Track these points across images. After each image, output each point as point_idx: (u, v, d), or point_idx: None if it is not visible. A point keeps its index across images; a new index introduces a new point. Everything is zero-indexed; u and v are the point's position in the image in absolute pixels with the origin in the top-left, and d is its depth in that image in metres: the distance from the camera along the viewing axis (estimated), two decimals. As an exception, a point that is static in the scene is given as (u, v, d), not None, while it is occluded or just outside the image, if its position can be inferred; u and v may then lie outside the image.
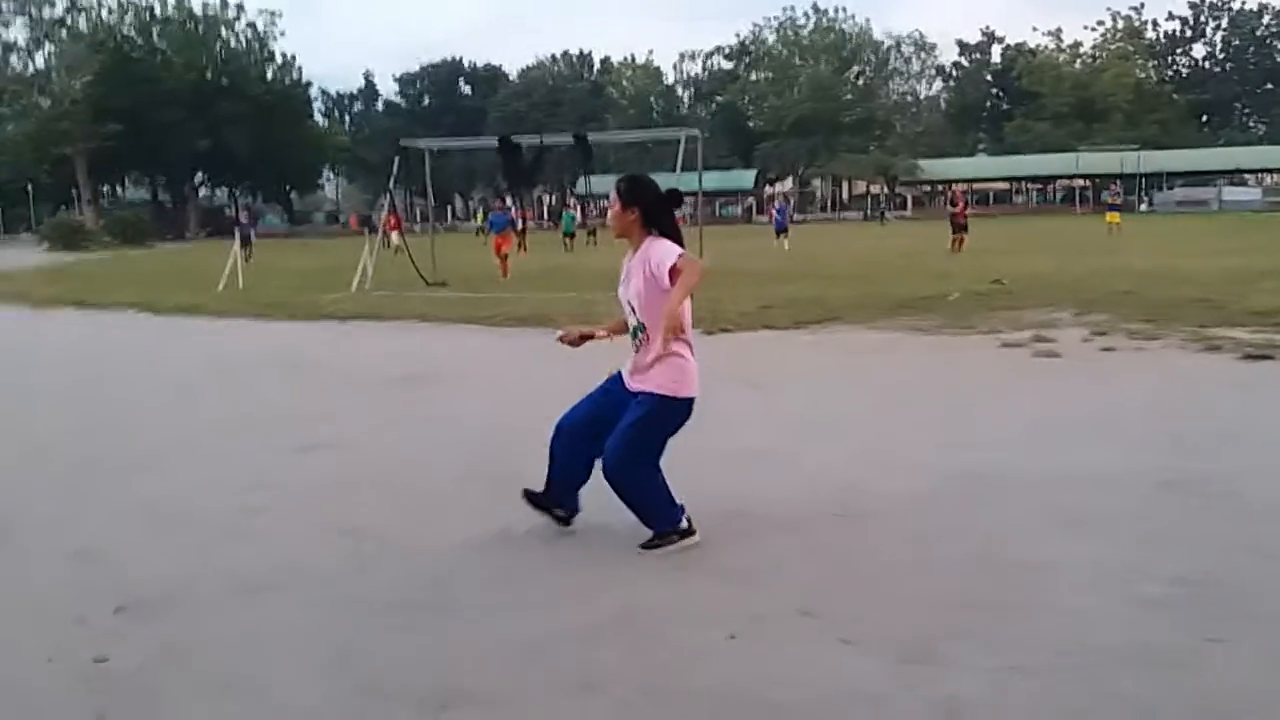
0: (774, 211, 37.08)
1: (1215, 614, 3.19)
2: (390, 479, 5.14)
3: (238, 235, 23.53)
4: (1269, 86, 75.08)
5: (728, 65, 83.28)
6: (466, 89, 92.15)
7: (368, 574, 3.81)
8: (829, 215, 70.58)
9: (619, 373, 4.04)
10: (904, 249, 26.40)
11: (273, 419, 6.79)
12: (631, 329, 3.90)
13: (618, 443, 3.80)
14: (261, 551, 4.10)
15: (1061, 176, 70.41)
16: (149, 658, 3.12)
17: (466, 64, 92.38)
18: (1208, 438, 5.37)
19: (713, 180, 69.75)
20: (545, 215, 74.39)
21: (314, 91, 78.69)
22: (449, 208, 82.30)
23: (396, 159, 17.70)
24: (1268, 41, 74.25)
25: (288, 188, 77.31)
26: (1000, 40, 79.79)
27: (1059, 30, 76.77)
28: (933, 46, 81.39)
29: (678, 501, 3.93)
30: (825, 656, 3.00)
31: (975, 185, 70.92)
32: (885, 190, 71.32)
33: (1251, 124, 76.45)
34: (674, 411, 3.82)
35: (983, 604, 3.32)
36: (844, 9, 79.07)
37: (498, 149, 16.88)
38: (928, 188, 74.83)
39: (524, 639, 3.19)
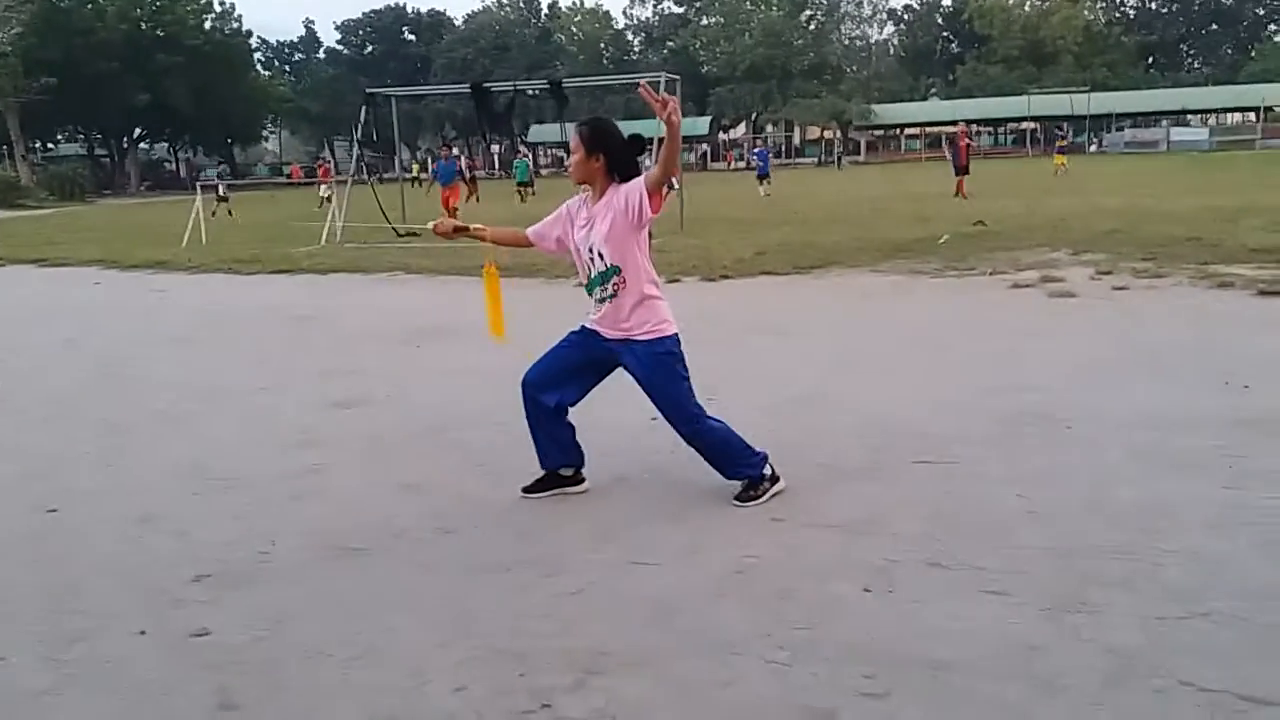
0: (755, 157, 36.74)
1: (1351, 552, 3.14)
2: (443, 434, 4.95)
3: (203, 190, 22.63)
4: (1214, 27, 75.88)
5: (678, 10, 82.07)
6: (410, 36, 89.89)
7: (458, 534, 3.63)
8: (784, 161, 70.21)
9: (582, 326, 3.87)
10: (871, 194, 26.31)
11: (296, 374, 6.52)
12: (597, 275, 3.67)
13: (668, 405, 3.71)
14: (334, 511, 3.90)
15: (1013, 119, 70.81)
16: (252, 628, 2.93)
17: (410, 10, 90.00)
18: (1260, 375, 5.33)
19: (654, 128, 69.12)
20: (496, 165, 73.25)
21: (254, 41, 76.11)
22: (395, 158, 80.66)
23: (363, 107, 17.12)
24: (1214, -18, 74.90)
25: (229, 140, 75.00)
26: (952, -18, 79.53)
27: (1010, -28, 76.63)
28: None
29: (756, 449, 3.83)
30: (974, 609, 2.89)
31: (928, 129, 71.15)
32: (839, 135, 71.16)
33: (1197, 65, 77.34)
34: (676, 346, 3.74)
35: (1114, 549, 3.23)
36: (795, -49, 78.07)
37: (471, 95, 16.36)
38: (880, 132, 74.85)
39: (647, 597, 3.05)
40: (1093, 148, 61.36)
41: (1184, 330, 6.69)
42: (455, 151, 24.26)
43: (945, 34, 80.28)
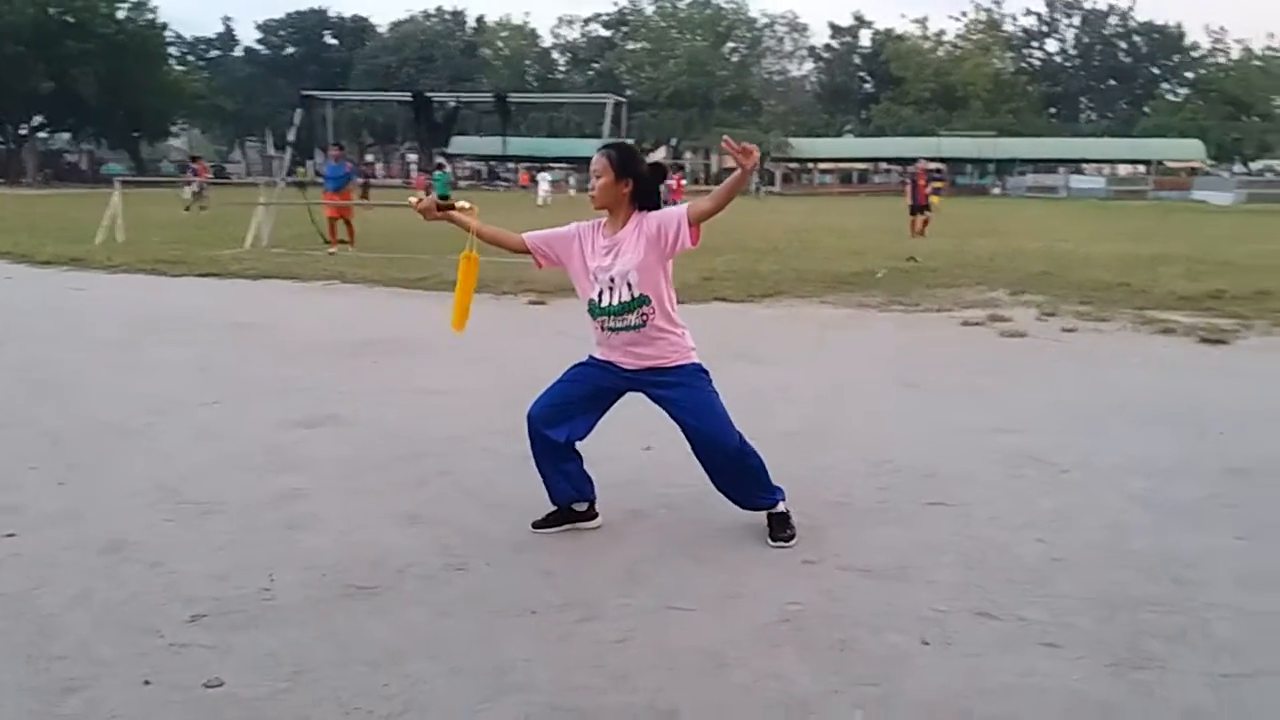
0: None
1: (1384, 609, 3.16)
2: (425, 459, 4.68)
3: (122, 185, 21.58)
4: (1112, 82, 79.65)
5: (605, 33, 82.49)
6: (333, 40, 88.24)
7: (470, 571, 3.40)
8: (703, 187, 70.92)
9: (591, 357, 3.76)
10: (795, 224, 26.71)
11: (248, 387, 6.15)
12: (620, 304, 3.53)
13: (716, 422, 3.56)
14: (330, 543, 3.62)
15: (924, 159, 72.92)
16: (271, 678, 2.66)
17: (333, 14, 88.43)
18: (1229, 423, 5.45)
19: (587, 148, 69.29)
20: (409, 174, 72.22)
21: (169, 35, 73.48)
22: (310, 162, 78.91)
23: (298, 110, 16.59)
24: (1113, 40, 78.63)
25: (136, 134, 72.13)
26: (870, 25, 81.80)
27: (925, 19, 79.48)
28: (805, 27, 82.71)
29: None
30: (1035, 663, 2.81)
31: (842, 164, 72.87)
32: (759, 166, 72.22)
33: (1094, 117, 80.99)
34: (705, 371, 3.67)
35: (1155, 602, 3.20)
36: (721, -16, 79.30)
37: (411, 104, 16.00)
38: (796, 165, 76.36)
39: (696, 648, 2.88)
40: (996, 190, 63.64)
41: (1143, 375, 6.83)
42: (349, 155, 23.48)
43: (861, 74, 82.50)
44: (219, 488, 4.21)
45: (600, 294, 3.58)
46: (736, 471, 3.62)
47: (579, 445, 3.78)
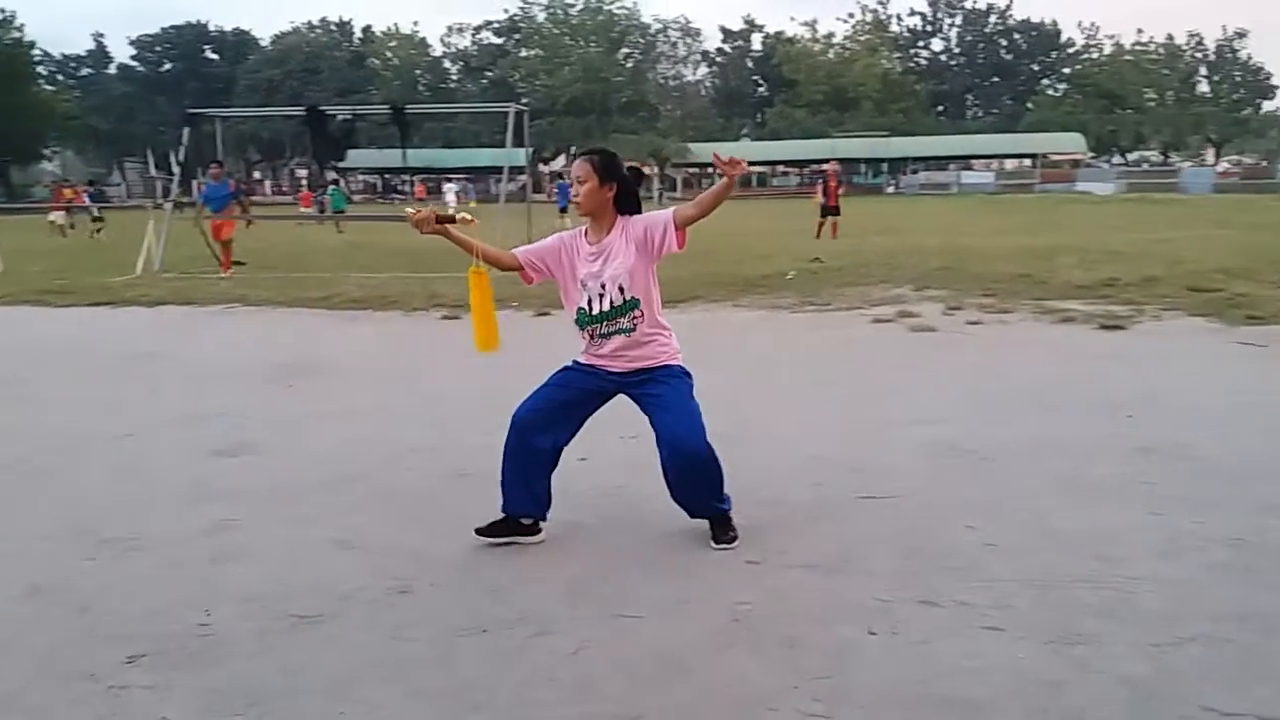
0: (555, 189, 36.81)
1: (1290, 572, 3.36)
2: (355, 482, 4.59)
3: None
4: (995, 79, 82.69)
5: (497, 41, 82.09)
6: (213, 55, 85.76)
7: (416, 594, 3.35)
8: (604, 195, 71.14)
9: (575, 363, 3.80)
10: (700, 228, 26.80)
11: (160, 419, 5.93)
12: (612, 309, 3.59)
13: (692, 421, 3.57)
14: (266, 574, 3.52)
15: (818, 160, 74.52)
16: (218, 715, 2.59)
17: (213, 28, 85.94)
18: (1135, 405, 5.71)
19: (485, 158, 68.82)
20: (301, 190, 70.72)
21: (36, 53, 70.30)
22: (194, 182, 76.52)
23: (186, 130, 16.08)
24: (995, 39, 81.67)
25: (4, 158, 68.86)
26: (760, 29, 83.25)
27: (814, 21, 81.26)
28: (698, 32, 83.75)
29: None
30: (980, 646, 2.90)
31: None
32: (658, 171, 72.75)
33: (981, 114, 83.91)
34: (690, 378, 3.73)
35: (1083, 579, 3.34)
36: (613, -10, 79.74)
37: (305, 119, 15.67)
38: (695, 170, 77.17)
39: (650, 654, 2.90)
40: (890, 189, 65.41)
41: (1049, 363, 7.10)
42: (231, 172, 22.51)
43: (755, 77, 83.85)
44: (140, 523, 4.06)
45: (590, 301, 3.61)
46: (699, 478, 3.63)
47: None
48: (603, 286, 3.56)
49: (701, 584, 3.37)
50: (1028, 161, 69.07)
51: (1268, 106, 79.21)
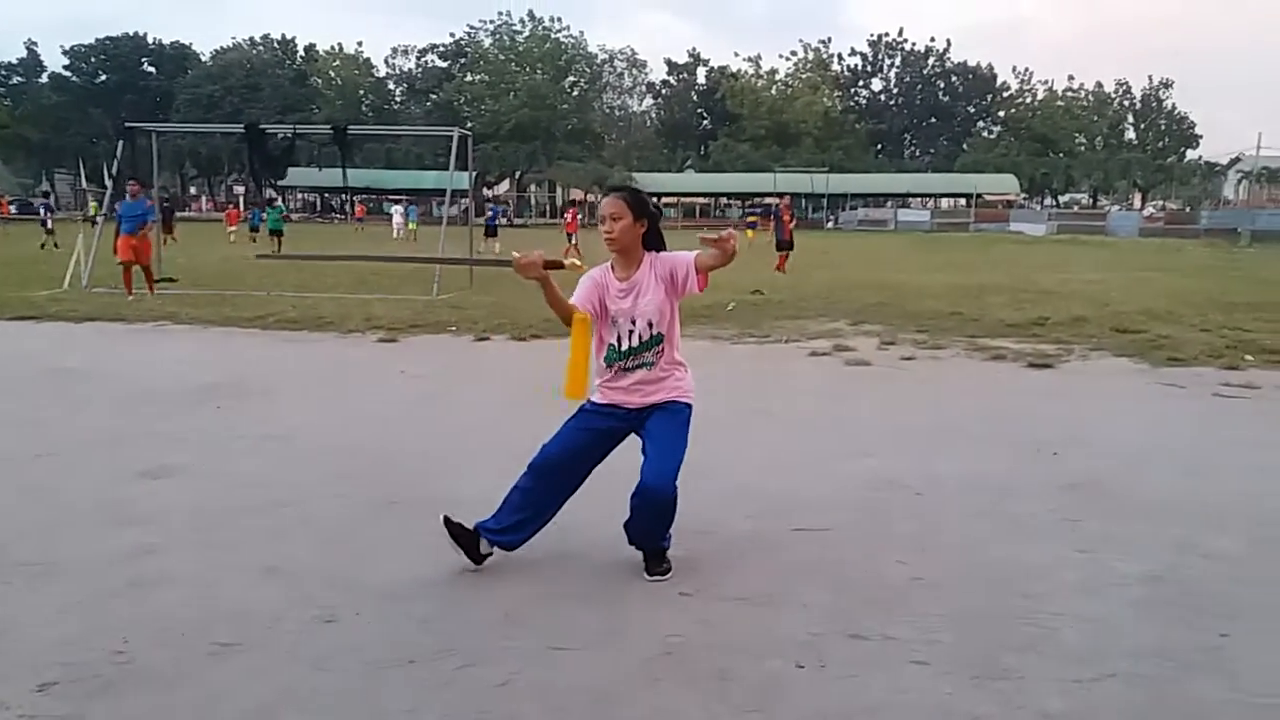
0: (489, 212, 36.59)
1: (1206, 609, 3.44)
2: (282, 508, 4.49)
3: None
4: (932, 120, 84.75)
5: (442, 64, 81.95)
6: (150, 68, 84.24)
7: (341, 622, 3.28)
8: (549, 220, 71.19)
9: (591, 403, 3.80)
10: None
11: (82, 439, 5.75)
12: (640, 344, 3.66)
13: (673, 459, 3.61)
14: (186, 600, 3.42)
15: (760, 194, 75.65)
16: (131, 751, 2.50)
17: (152, 40, 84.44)
18: (1060, 442, 5.84)
19: (429, 180, 68.49)
20: (242, 207, 69.64)
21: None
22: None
23: (121, 143, 15.74)
24: (933, 81, 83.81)
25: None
26: (705, 63, 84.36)
27: (758, 57, 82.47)
28: (644, 64, 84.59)
29: None
30: (907, 680, 2.93)
31: (683, 199, 74.63)
32: (602, 200, 73.08)
33: (918, 154, 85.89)
34: (690, 416, 3.80)
35: (1008, 614, 3.39)
36: (559, 19, 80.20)
37: (244, 136, 15.45)
38: (640, 199, 77.66)
39: (580, 686, 2.87)
40: (829, 224, 66.50)
41: (978, 400, 7.25)
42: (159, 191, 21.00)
43: (700, 110, 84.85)
44: (57, 547, 3.92)
45: (619, 338, 3.66)
46: (657, 519, 3.64)
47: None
48: (633, 322, 3.62)
49: (634, 615, 3.35)
50: (963, 201, 70.84)
51: (1191, 155, 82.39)
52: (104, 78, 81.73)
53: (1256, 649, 3.15)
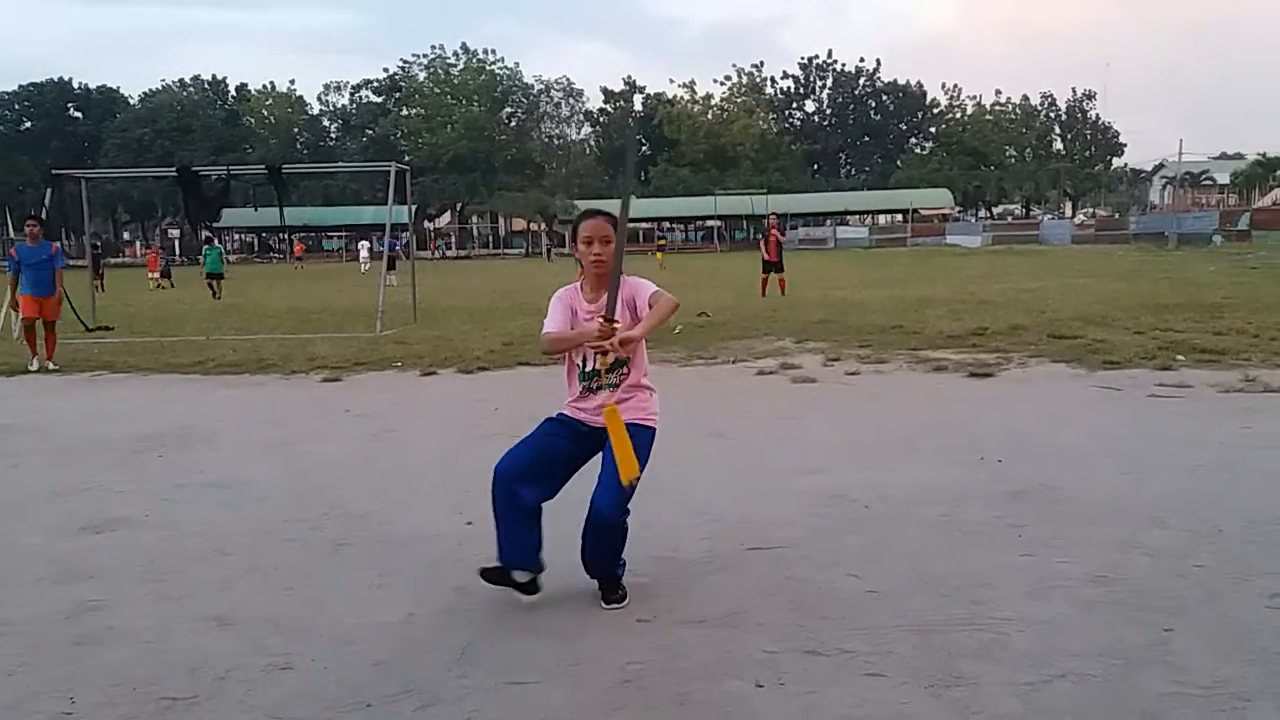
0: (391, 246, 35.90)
1: (1149, 605, 3.54)
2: (229, 556, 4.41)
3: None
4: (866, 139, 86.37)
5: (377, 100, 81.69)
6: (77, 113, 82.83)
7: (296, 670, 3.22)
8: (492, 251, 71.16)
9: (560, 414, 3.82)
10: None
11: (21, 495, 5.59)
12: (605, 367, 3.67)
13: (619, 493, 3.55)
14: (136, 655, 3.34)
15: (701, 217, 76.42)
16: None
17: (77, 85, 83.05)
18: (1003, 450, 5.96)
19: (368, 215, 68.05)
20: (178, 251, 68.59)
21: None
22: (56, 244, 73.16)
23: (49, 190, 15.46)
24: (865, 100, 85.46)
25: None
26: (641, 90, 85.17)
27: (693, 82, 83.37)
28: (580, 92, 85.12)
29: None
30: (864, 693, 2.96)
31: (628, 224, 74.88)
32: (545, 228, 73.20)
33: (854, 172, 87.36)
34: (653, 440, 3.79)
35: (959, 622, 3.44)
36: (493, 51, 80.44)
37: (176, 180, 15.25)
38: (582, 226, 78.04)
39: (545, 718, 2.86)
40: (772, 243, 67.18)
41: (923, 411, 7.37)
42: (60, 236, 19.46)
43: (638, 137, 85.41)
44: (1, 606, 3.82)
45: (584, 359, 3.69)
46: (606, 544, 3.66)
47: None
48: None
49: (593, 645, 3.35)
50: (899, 216, 72.19)
51: (1117, 163, 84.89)
52: (29, 124, 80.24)
53: (1200, 641, 3.24)
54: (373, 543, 4.49)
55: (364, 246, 45.96)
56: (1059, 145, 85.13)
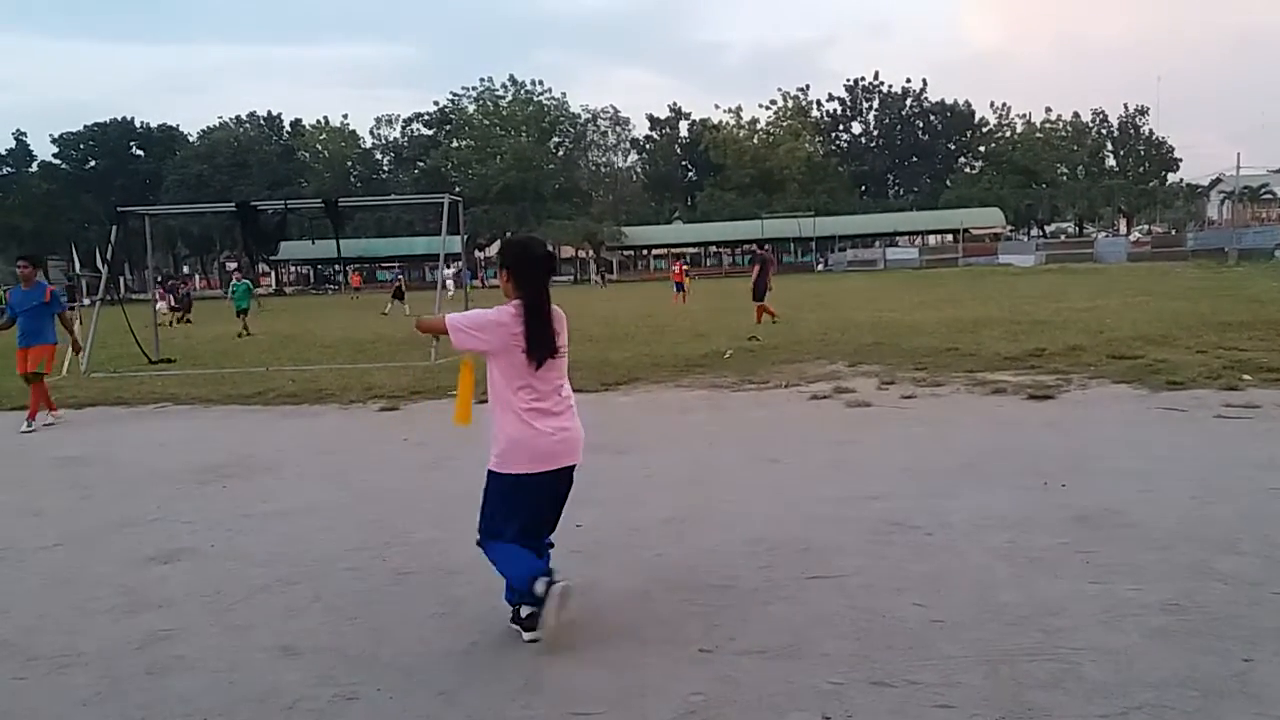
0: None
1: (1227, 634, 3.44)
2: (295, 585, 4.48)
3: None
4: (914, 160, 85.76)
5: (428, 132, 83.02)
6: (139, 151, 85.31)
7: (363, 700, 3.26)
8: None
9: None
10: (639, 311, 27.22)
11: (91, 526, 5.73)
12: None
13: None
14: (205, 684, 3.40)
15: (749, 241, 76.30)
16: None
17: (139, 124, 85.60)
18: (1067, 474, 5.85)
19: (420, 245, 69.05)
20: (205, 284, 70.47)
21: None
22: (120, 279, 75.34)
23: (114, 227, 15.91)
24: (911, 121, 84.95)
25: (-78, 260, 67.30)
26: (687, 116, 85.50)
27: (739, 108, 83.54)
28: (626, 121, 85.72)
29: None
30: (935, 725, 2.91)
31: (674, 249, 75.27)
32: (594, 255, 73.66)
33: (902, 193, 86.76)
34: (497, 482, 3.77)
35: (1029, 652, 3.38)
36: (540, 82, 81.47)
37: (236, 214, 15.62)
38: (630, 252, 78.56)
39: (606, 751, 2.85)
40: (820, 266, 66.96)
41: (982, 435, 7.26)
42: (73, 273, 17.43)
43: (684, 163, 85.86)
44: (72, 638, 3.91)
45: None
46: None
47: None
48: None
49: (654, 675, 3.34)
50: (950, 236, 71.38)
51: (1172, 178, 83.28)
52: (93, 163, 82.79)
53: (1281, 672, 3.14)
54: (435, 571, 4.53)
55: (450, 272, 40.67)
56: (1112, 162, 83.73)
